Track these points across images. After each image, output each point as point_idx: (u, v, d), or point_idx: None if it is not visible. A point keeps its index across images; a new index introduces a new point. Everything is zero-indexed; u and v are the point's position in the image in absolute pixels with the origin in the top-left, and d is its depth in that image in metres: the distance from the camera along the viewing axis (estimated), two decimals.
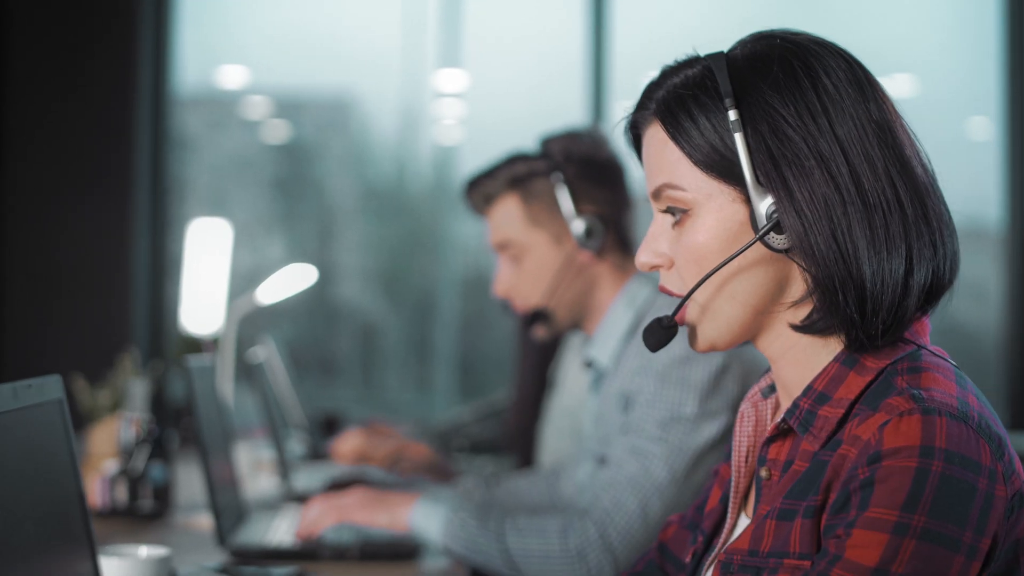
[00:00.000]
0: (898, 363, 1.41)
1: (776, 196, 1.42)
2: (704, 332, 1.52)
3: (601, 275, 2.66)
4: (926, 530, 1.28)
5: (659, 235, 1.53)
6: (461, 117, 6.62)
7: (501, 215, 2.68)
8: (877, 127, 1.43)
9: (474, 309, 7.06)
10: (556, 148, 2.63)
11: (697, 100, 1.46)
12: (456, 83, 6.51)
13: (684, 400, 2.38)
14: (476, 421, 3.91)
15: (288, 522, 2.80)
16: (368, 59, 6.57)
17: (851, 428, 1.38)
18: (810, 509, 1.38)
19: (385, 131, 6.89)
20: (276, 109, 6.80)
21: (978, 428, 1.33)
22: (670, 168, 1.49)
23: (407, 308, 7.01)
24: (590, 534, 2.33)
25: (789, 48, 1.47)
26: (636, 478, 2.36)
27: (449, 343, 6.77)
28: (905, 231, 1.41)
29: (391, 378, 7.06)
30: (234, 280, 5.55)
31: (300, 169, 7.01)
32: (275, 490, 3.32)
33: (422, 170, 6.89)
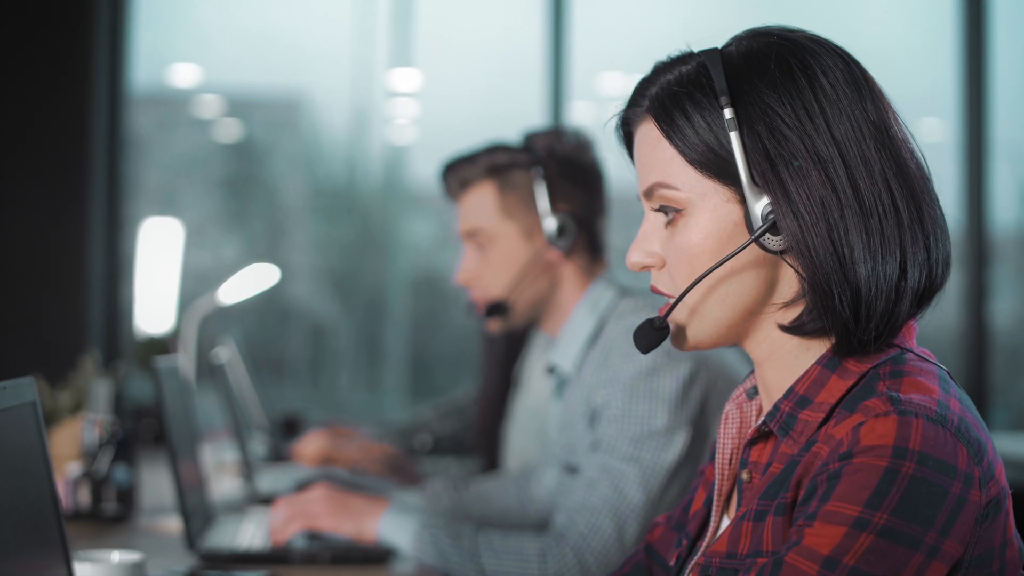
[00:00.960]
0: (880, 367, 1.39)
1: (772, 197, 1.39)
2: (691, 333, 1.48)
3: (565, 276, 2.62)
4: (886, 528, 1.26)
5: (650, 235, 1.50)
6: (414, 116, 6.57)
7: (474, 202, 2.63)
8: (874, 128, 1.40)
9: (425, 309, 7.02)
10: (540, 144, 2.60)
11: (692, 97, 1.43)
12: (409, 82, 6.46)
13: (654, 413, 2.35)
14: (438, 418, 3.87)
15: (256, 525, 2.74)
16: (319, 58, 6.52)
17: (827, 429, 1.36)
18: (781, 507, 1.36)
19: (336, 130, 6.84)
20: (227, 108, 6.73)
21: (956, 431, 1.30)
22: (663, 167, 1.45)
23: (358, 308, 6.97)
24: (568, 559, 2.30)
25: (786, 46, 1.43)
26: (611, 501, 2.33)
27: (400, 343, 6.72)
28: (900, 235, 1.38)
29: (342, 378, 7.01)
30: (184, 280, 5.49)
31: (250, 168, 6.95)
32: (239, 492, 3.26)
33: (373, 170, 6.84)
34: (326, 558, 2.48)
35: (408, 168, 6.60)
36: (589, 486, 2.36)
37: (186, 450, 2.67)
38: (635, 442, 2.34)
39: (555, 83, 5.75)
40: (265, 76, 6.62)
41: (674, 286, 1.48)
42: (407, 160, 6.60)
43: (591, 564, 2.30)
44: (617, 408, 2.37)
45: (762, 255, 1.42)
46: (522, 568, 2.30)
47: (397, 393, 6.74)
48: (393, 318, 6.71)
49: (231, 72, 6.60)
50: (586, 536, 2.31)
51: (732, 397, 1.59)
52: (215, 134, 6.83)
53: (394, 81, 6.44)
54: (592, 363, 2.49)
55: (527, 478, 2.87)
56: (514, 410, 3.39)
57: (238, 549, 2.51)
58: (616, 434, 2.36)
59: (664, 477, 2.34)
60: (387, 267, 6.74)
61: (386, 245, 6.75)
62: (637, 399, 2.36)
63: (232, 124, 6.85)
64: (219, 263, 6.78)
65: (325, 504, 2.48)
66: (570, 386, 2.57)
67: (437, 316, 7.19)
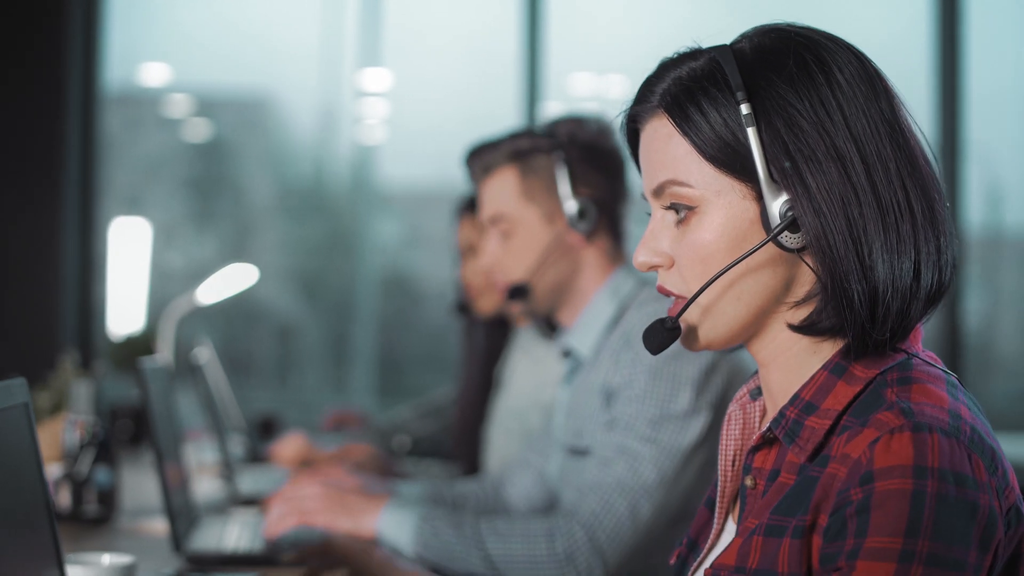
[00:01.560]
0: (887, 373, 1.36)
1: (793, 193, 1.35)
2: (704, 333, 1.45)
3: (587, 261, 2.60)
4: (931, 554, 1.22)
5: (659, 233, 1.46)
6: (384, 116, 6.54)
7: (497, 186, 2.62)
8: (889, 126, 1.38)
9: (393, 309, 6.99)
10: (562, 130, 2.59)
11: (707, 93, 1.39)
12: (380, 82, 6.43)
13: (675, 395, 2.33)
14: (417, 419, 3.84)
15: (241, 526, 2.71)
16: (287, 57, 6.49)
17: (840, 444, 1.32)
18: (799, 529, 1.32)
19: (304, 130, 6.80)
20: (197, 107, 6.68)
21: (970, 443, 1.28)
22: (676, 163, 1.42)
23: (325, 308, 6.94)
24: (578, 537, 2.27)
25: (801, 42, 1.40)
26: (625, 480, 2.30)
27: (368, 343, 6.69)
28: (914, 234, 1.36)
29: (309, 378, 6.97)
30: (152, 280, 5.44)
31: (218, 168, 6.90)
32: (220, 493, 3.22)
33: (341, 170, 6.81)
34: (314, 560, 2.45)
35: (377, 168, 6.57)
36: (603, 464, 2.33)
37: (170, 451, 2.64)
38: (653, 423, 2.32)
39: (530, 83, 5.73)
40: (233, 75, 6.57)
41: (685, 286, 1.44)
42: (376, 160, 6.56)
43: (603, 542, 2.27)
44: (639, 387, 2.35)
45: (778, 253, 1.39)
46: (530, 549, 2.27)
47: (365, 393, 6.70)
48: (361, 318, 6.68)
49: (201, 71, 6.55)
50: (598, 514, 2.28)
51: (735, 398, 1.56)
52: (184, 133, 6.77)
53: (364, 81, 6.40)
54: (610, 348, 2.47)
55: (502, 483, 2.84)
56: (495, 411, 3.37)
57: (225, 551, 2.48)
58: (635, 413, 2.34)
59: (680, 460, 2.32)
60: (355, 267, 6.71)
61: (354, 245, 6.72)
62: (660, 380, 2.34)
63: (201, 123, 6.79)
64: (186, 263, 6.73)
65: (321, 500, 2.45)
66: (584, 370, 2.55)
67: (405, 316, 7.16)
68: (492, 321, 3.51)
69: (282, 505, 2.47)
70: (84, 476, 2.80)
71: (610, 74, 6.34)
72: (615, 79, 6.39)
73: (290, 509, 2.46)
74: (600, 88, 6.30)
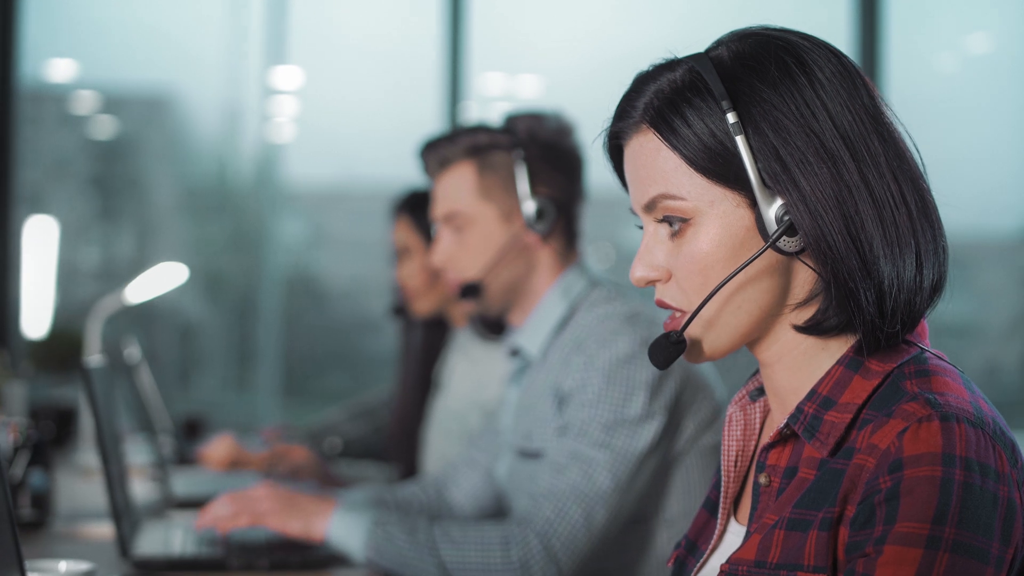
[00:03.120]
0: (904, 366, 1.35)
1: (787, 197, 1.34)
2: (708, 345, 1.42)
3: (541, 261, 2.54)
4: (957, 542, 1.22)
5: (654, 247, 1.43)
6: (293, 114, 6.47)
7: (453, 182, 2.55)
8: (873, 120, 1.37)
9: (297, 309, 6.92)
10: (521, 126, 2.52)
11: (691, 103, 1.37)
12: (290, 80, 6.36)
13: (629, 400, 2.30)
14: (348, 421, 3.78)
15: (183, 530, 2.64)
16: (191, 55, 6.38)
17: (865, 435, 1.31)
18: (826, 521, 1.30)
19: (208, 128, 6.70)
20: (102, 104, 6.55)
21: (994, 434, 1.28)
22: (666, 177, 1.39)
23: (228, 308, 6.84)
24: (532, 545, 2.23)
25: (779, 45, 1.38)
26: (579, 487, 2.26)
27: (272, 343, 6.61)
28: (911, 225, 1.35)
29: (211, 378, 6.88)
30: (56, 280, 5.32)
31: (122, 166, 6.77)
32: (153, 496, 3.14)
33: (245, 168, 6.72)
34: (264, 564, 2.40)
35: (283, 166, 6.49)
36: (557, 471, 2.29)
37: (113, 453, 2.56)
38: (607, 428, 2.29)
39: (451, 83, 5.67)
40: (138, 72, 6.46)
41: (685, 298, 1.42)
42: (284, 158, 6.48)
43: (557, 550, 2.23)
44: (593, 392, 2.31)
45: (776, 258, 1.38)
46: (484, 557, 2.23)
47: (269, 393, 6.63)
48: (265, 318, 6.60)
49: (106, 68, 6.42)
50: (552, 522, 2.25)
51: (734, 400, 1.54)
52: (88, 131, 6.63)
53: (273, 79, 6.32)
54: (559, 349, 2.44)
55: (445, 485, 2.80)
56: (432, 412, 3.33)
57: (173, 555, 2.41)
58: (589, 419, 2.30)
59: (634, 464, 2.29)
60: (259, 266, 6.62)
61: (258, 244, 6.64)
62: (615, 383, 2.31)
63: (107, 121, 6.66)
64: (88, 262, 6.60)
65: (272, 502, 2.39)
66: (532, 371, 2.51)
67: (309, 316, 7.10)
68: (429, 321, 3.46)
69: (232, 504, 2.41)
70: (18, 479, 2.71)
71: (523, 74, 6.34)
72: (528, 79, 6.39)
73: (241, 509, 2.40)
74: (512, 88, 6.30)
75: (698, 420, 2.39)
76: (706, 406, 2.40)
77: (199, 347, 6.85)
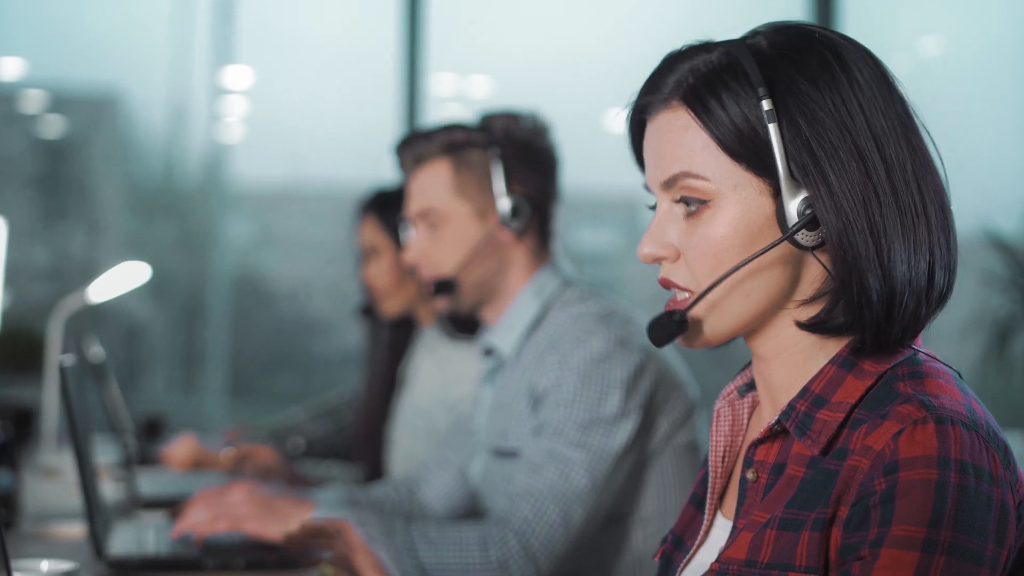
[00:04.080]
0: (897, 367, 1.35)
1: (814, 191, 1.33)
2: (708, 328, 1.42)
3: (515, 259, 2.54)
4: (954, 545, 1.22)
5: (666, 225, 1.42)
6: (243, 114, 6.42)
7: (428, 179, 2.54)
8: (904, 128, 1.37)
9: (245, 309, 6.87)
10: (497, 125, 2.52)
11: (727, 86, 1.37)
12: (239, 80, 6.31)
13: (605, 399, 2.29)
14: (311, 420, 3.75)
15: (155, 530, 2.61)
16: (138, 54, 6.33)
17: (859, 436, 1.30)
18: (819, 522, 1.30)
19: (155, 128, 6.64)
20: (48, 104, 6.47)
21: (987, 437, 1.28)
22: (691, 156, 1.38)
23: (174, 308, 6.78)
24: (511, 545, 2.22)
25: (821, 41, 1.39)
26: (557, 486, 2.26)
27: (218, 344, 6.57)
28: (929, 236, 1.35)
29: (157, 380, 6.81)
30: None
31: (68, 166, 6.69)
32: (119, 496, 3.10)
33: (192, 168, 6.67)
34: (240, 564, 2.38)
35: (231, 166, 6.45)
36: (533, 471, 2.28)
37: (87, 453, 2.53)
38: (583, 428, 2.28)
39: (408, 83, 5.65)
40: (85, 72, 6.39)
41: (693, 280, 1.41)
42: (233, 158, 6.44)
43: (536, 550, 2.23)
44: (568, 391, 2.31)
45: (790, 250, 1.37)
46: (462, 557, 2.21)
47: (216, 394, 6.58)
48: (212, 319, 6.55)
49: (54, 67, 6.35)
50: (531, 521, 2.24)
51: (722, 395, 1.53)
52: (36, 130, 6.56)
53: (222, 78, 6.28)
54: (533, 349, 2.43)
55: (416, 484, 2.79)
56: (398, 411, 3.31)
57: (148, 555, 2.38)
58: (564, 418, 2.30)
59: (611, 463, 2.28)
60: (206, 267, 6.57)
61: (205, 244, 6.59)
62: (590, 382, 2.30)
63: (54, 120, 6.59)
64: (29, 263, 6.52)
65: (250, 506, 2.37)
66: (506, 370, 2.51)
67: (257, 317, 7.05)
68: (395, 320, 3.45)
69: (209, 508, 2.40)
70: None
71: (474, 75, 6.33)
72: (479, 80, 6.38)
73: (220, 513, 2.38)
74: (463, 88, 6.29)
75: (672, 419, 2.39)
76: (680, 405, 2.40)
77: (145, 348, 6.78)
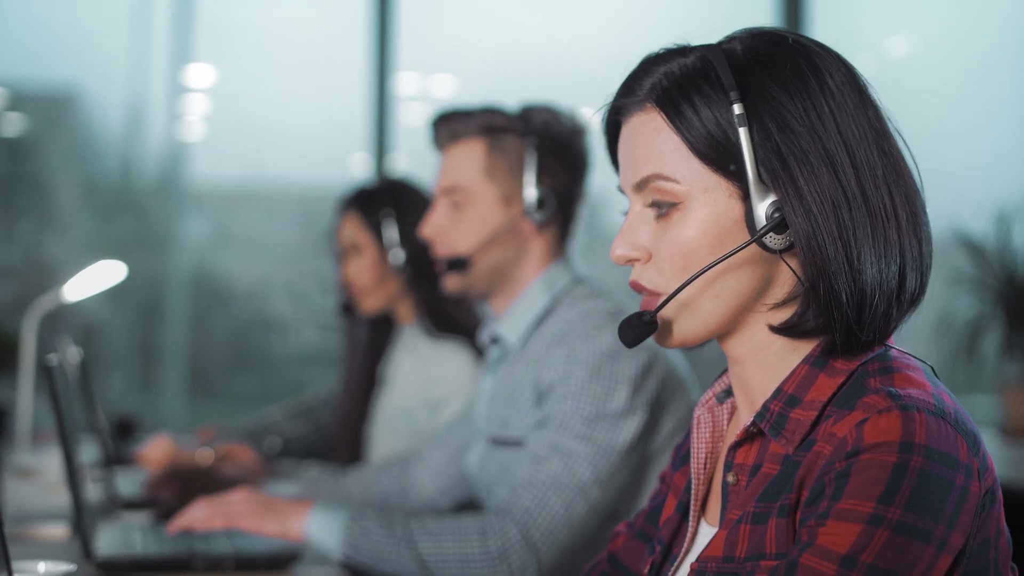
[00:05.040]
0: (868, 364, 1.37)
1: (782, 194, 1.35)
2: (679, 329, 1.43)
3: (532, 251, 2.53)
4: (901, 523, 1.23)
5: (637, 227, 1.44)
6: (203, 113, 6.37)
7: (461, 157, 2.53)
8: (875, 133, 1.39)
9: (203, 308, 6.82)
10: (537, 118, 2.51)
11: (700, 90, 1.38)
12: (201, 78, 6.26)
13: (612, 394, 2.28)
14: (287, 420, 3.71)
15: (141, 531, 2.57)
16: (96, 52, 6.26)
17: (826, 428, 1.32)
18: (784, 508, 1.32)
19: (112, 126, 6.58)
20: (5, 102, 6.40)
21: (955, 424, 1.29)
22: (663, 158, 1.40)
23: (132, 308, 6.71)
24: (511, 535, 2.20)
25: (795, 48, 1.40)
26: (560, 478, 2.24)
27: (177, 343, 6.51)
28: (899, 239, 1.37)
29: (115, 379, 6.74)
30: None
31: (24, 164, 6.62)
32: (98, 497, 3.05)
33: (150, 167, 6.61)
34: (230, 564, 2.34)
35: (191, 165, 6.39)
36: (537, 462, 2.27)
37: (74, 454, 2.48)
38: (589, 421, 2.27)
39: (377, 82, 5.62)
40: (42, 70, 6.32)
41: (662, 281, 1.42)
42: (193, 157, 6.38)
43: (538, 540, 2.21)
44: (576, 384, 2.29)
45: (759, 253, 1.39)
46: (462, 547, 2.19)
47: (174, 395, 6.53)
48: (170, 318, 6.49)
49: (11, 65, 6.28)
50: (532, 512, 2.22)
51: (701, 402, 1.55)
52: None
53: (183, 76, 6.22)
54: (539, 342, 2.43)
55: (408, 462, 2.78)
56: (378, 410, 3.28)
57: (137, 556, 2.34)
58: (570, 411, 2.28)
59: (615, 459, 2.27)
60: (164, 266, 6.51)
61: (163, 243, 6.53)
62: (598, 377, 2.29)
63: (12, 119, 6.52)
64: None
65: (248, 504, 2.34)
66: (510, 360, 2.50)
67: (215, 316, 7.00)
68: (374, 319, 3.41)
69: (208, 507, 2.37)
70: None
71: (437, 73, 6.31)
72: (443, 79, 6.36)
73: (216, 511, 2.35)
74: (426, 88, 6.26)
75: (676, 419, 2.39)
76: (684, 406, 2.40)
77: (103, 348, 6.70)
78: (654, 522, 1.65)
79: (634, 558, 1.69)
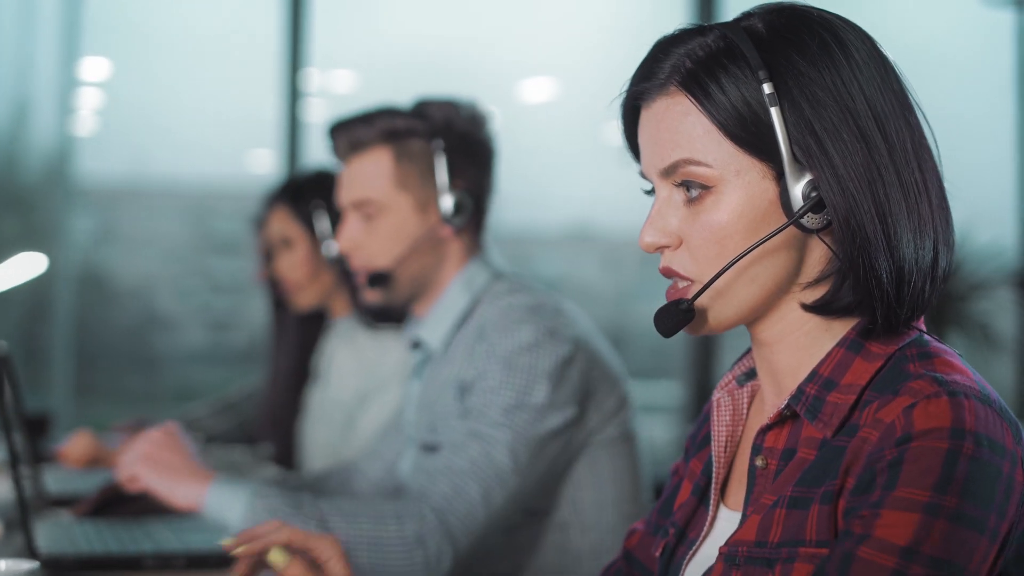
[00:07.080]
0: (906, 348, 1.34)
1: (818, 173, 1.31)
2: (714, 315, 1.39)
3: (450, 253, 2.46)
4: (957, 512, 1.21)
5: (667, 213, 1.39)
6: (93, 108, 6.21)
7: (368, 168, 2.42)
8: (901, 106, 1.36)
9: (90, 305, 6.66)
10: (437, 114, 2.42)
11: (726, 69, 1.34)
12: (93, 73, 6.10)
13: (532, 387, 2.23)
14: (211, 415, 3.62)
15: (78, 528, 2.48)
16: None
17: (870, 412, 1.29)
18: (828, 495, 1.29)
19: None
20: None
21: (1000, 411, 1.28)
22: (692, 142, 1.35)
23: (16, 305, 6.52)
24: (428, 519, 2.13)
25: (819, 22, 1.37)
26: (478, 463, 2.18)
27: (63, 341, 6.33)
28: (931, 215, 1.35)
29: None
30: None
31: None
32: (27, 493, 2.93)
33: (35, 163, 6.43)
34: (180, 563, 2.28)
35: (79, 161, 6.23)
36: (455, 449, 2.21)
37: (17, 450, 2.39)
38: (508, 411, 2.22)
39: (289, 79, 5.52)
40: None
41: (696, 268, 1.38)
42: (82, 152, 6.22)
43: (455, 526, 2.14)
44: (494, 379, 2.24)
45: (793, 234, 1.35)
46: (377, 530, 2.11)
47: (62, 393, 6.35)
48: (56, 316, 6.31)
49: None
50: (450, 498, 2.15)
51: (721, 384, 1.51)
52: None
53: (74, 70, 6.06)
54: (463, 342, 2.37)
55: (349, 473, 2.71)
56: (312, 403, 3.22)
57: (83, 554, 2.27)
58: (488, 402, 2.23)
59: (535, 446, 2.22)
60: (50, 263, 6.33)
61: (49, 240, 6.35)
62: (516, 372, 2.24)
63: None
64: None
65: (150, 462, 2.27)
66: (434, 364, 2.44)
67: (102, 313, 6.84)
68: (304, 313, 3.34)
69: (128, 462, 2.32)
70: None
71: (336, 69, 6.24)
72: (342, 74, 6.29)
73: (132, 459, 2.30)
74: (325, 84, 6.18)
75: (603, 411, 2.35)
76: (611, 397, 2.36)
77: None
78: (667, 512, 1.61)
79: (650, 553, 1.64)
